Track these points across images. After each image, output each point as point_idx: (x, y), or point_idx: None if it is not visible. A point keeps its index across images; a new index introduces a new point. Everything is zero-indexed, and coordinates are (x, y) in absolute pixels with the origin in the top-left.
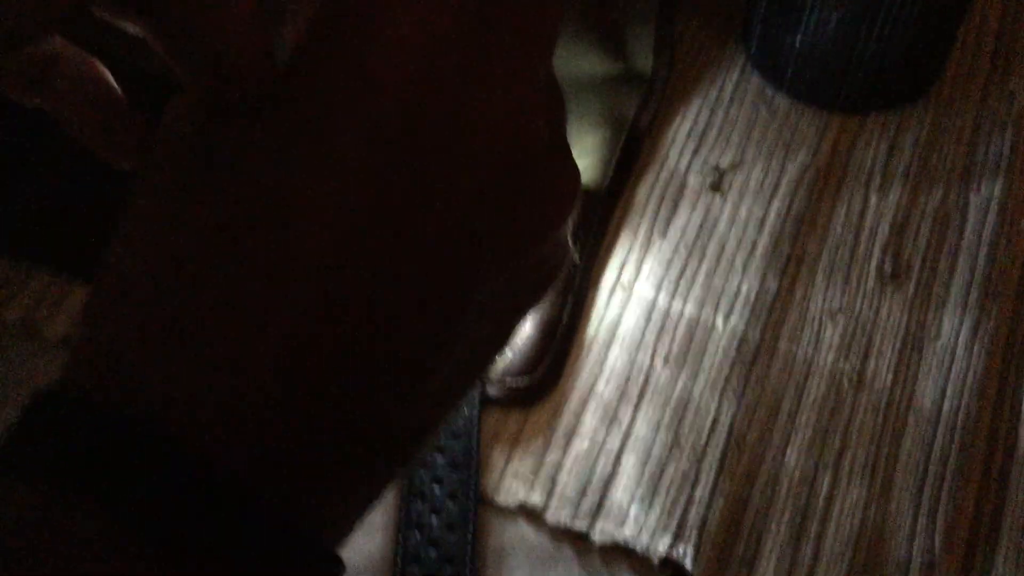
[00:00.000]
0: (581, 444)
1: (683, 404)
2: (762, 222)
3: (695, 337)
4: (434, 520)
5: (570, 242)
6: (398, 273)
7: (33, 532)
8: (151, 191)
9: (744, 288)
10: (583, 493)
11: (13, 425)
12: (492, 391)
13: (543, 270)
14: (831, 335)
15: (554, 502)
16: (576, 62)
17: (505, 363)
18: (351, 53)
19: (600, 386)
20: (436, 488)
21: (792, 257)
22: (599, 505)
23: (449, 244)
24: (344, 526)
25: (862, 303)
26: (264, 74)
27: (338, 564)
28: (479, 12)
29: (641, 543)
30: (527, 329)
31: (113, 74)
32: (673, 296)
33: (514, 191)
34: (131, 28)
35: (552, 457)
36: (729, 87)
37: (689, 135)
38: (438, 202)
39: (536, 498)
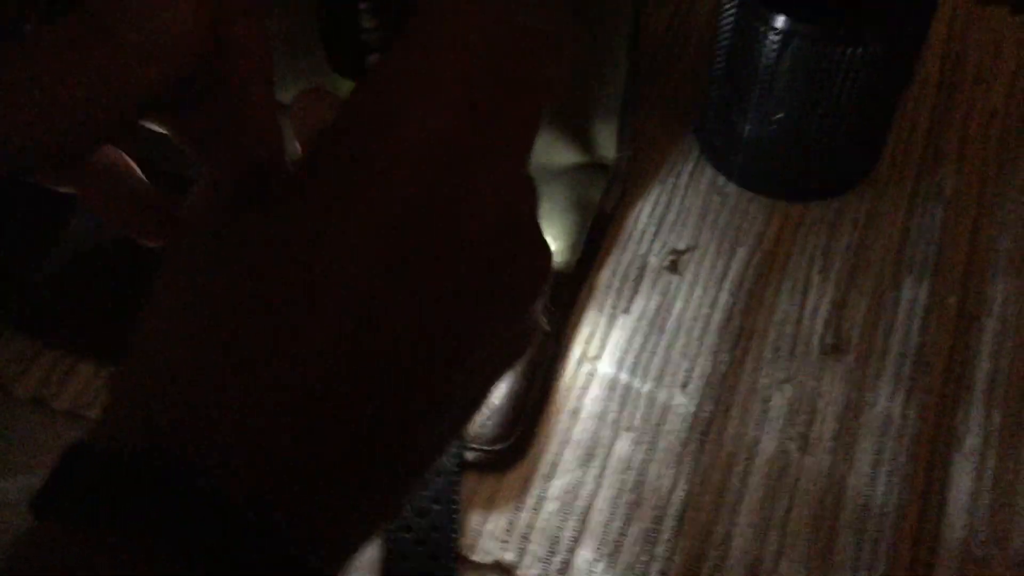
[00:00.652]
0: (551, 506)
1: (644, 468)
2: (715, 300)
3: (655, 408)
4: None
5: (541, 315)
6: (412, 328)
7: (66, 566)
8: (178, 268)
9: (700, 361)
10: (553, 551)
11: (46, 478)
12: (470, 456)
13: (521, 337)
14: (779, 403)
15: (526, 560)
16: (547, 153)
17: (482, 429)
18: (363, 148)
19: (567, 452)
20: (419, 549)
21: (743, 332)
22: (568, 563)
23: (450, 311)
24: (341, 563)
25: (807, 373)
26: (273, 157)
27: None
28: (475, 113)
29: None
30: (502, 398)
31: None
32: (634, 370)
33: (504, 265)
34: (159, 128)
35: (524, 518)
36: (685, 176)
37: (649, 219)
38: (441, 274)
39: (510, 556)
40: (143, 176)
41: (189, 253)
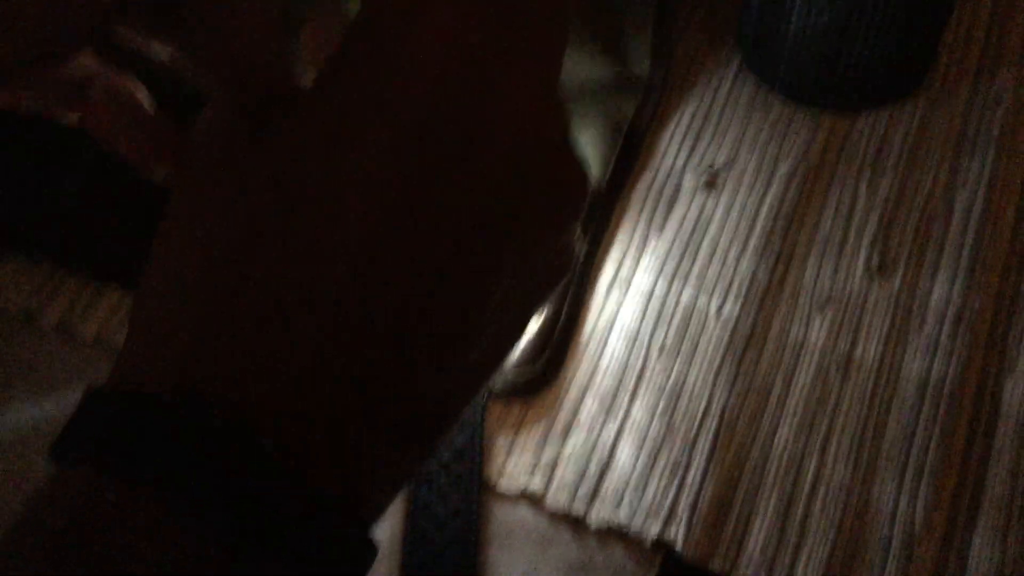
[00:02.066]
0: (579, 433)
1: (677, 393)
2: (755, 218)
3: (689, 328)
4: (440, 506)
5: (576, 242)
6: (434, 255)
7: (85, 518)
8: (188, 193)
9: (737, 280)
10: (581, 479)
11: (68, 420)
12: (496, 384)
13: (558, 262)
14: (820, 325)
15: (553, 488)
16: (578, 67)
17: (511, 357)
18: (383, 59)
19: (598, 378)
20: (443, 476)
21: (783, 251)
22: (595, 491)
23: (478, 231)
24: (378, 507)
25: (850, 295)
26: (281, 77)
27: (373, 546)
28: (501, 24)
29: (634, 526)
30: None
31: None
32: (668, 289)
33: (533, 186)
34: (159, 53)
35: (552, 446)
36: (724, 88)
37: (685, 135)
38: (466, 192)
39: (536, 484)
40: (149, 101)
41: (199, 178)
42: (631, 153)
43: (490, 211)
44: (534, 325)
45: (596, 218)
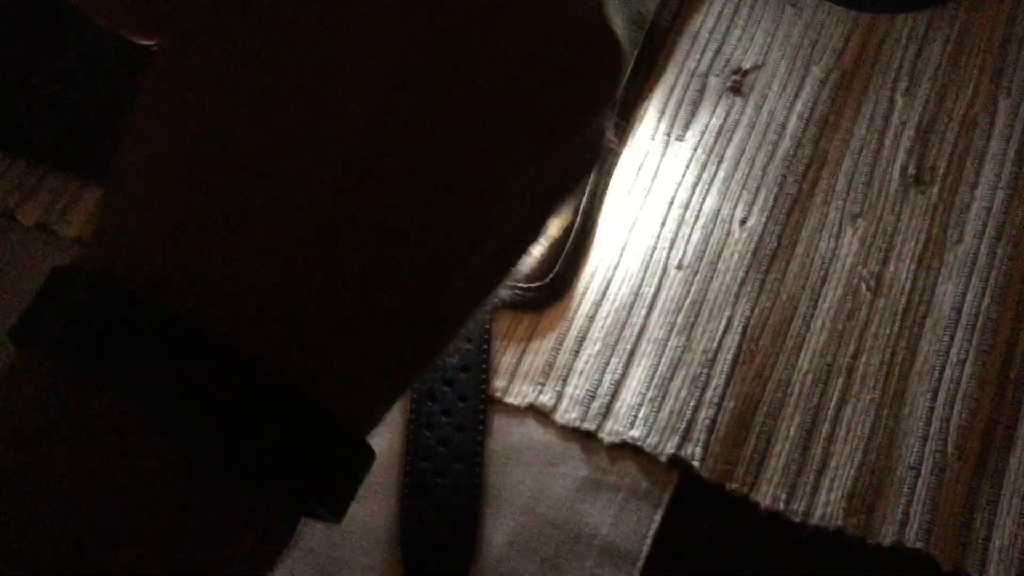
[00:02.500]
0: (593, 347)
1: (696, 307)
2: (784, 125)
3: (711, 241)
4: (444, 420)
5: (607, 127)
6: (434, 148)
7: (46, 411)
8: (172, 60)
9: (763, 192)
10: (593, 395)
11: (31, 301)
12: (503, 294)
13: (580, 158)
14: (850, 239)
15: (564, 403)
16: None
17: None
18: None
19: (612, 290)
20: (447, 389)
21: (813, 160)
22: (609, 407)
23: (487, 121)
24: (372, 416)
25: (884, 207)
26: None
27: (369, 451)
28: None
29: (650, 443)
30: None
31: None
32: (690, 199)
33: (557, 69)
34: None
35: (563, 359)
36: None
37: (711, 34)
38: (477, 75)
39: (546, 399)
40: None
41: (183, 45)
42: (652, 51)
43: (506, 99)
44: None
45: (613, 123)
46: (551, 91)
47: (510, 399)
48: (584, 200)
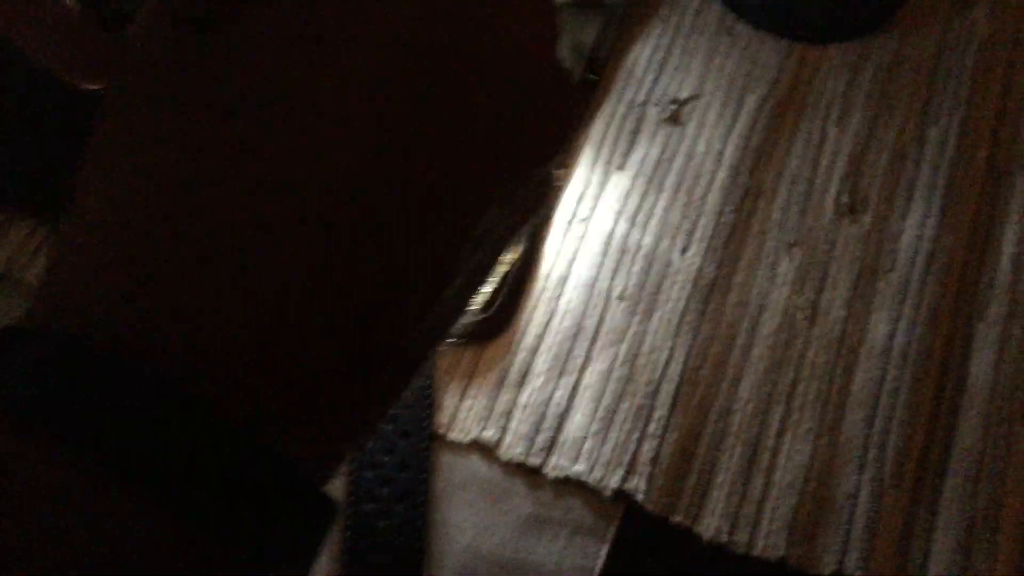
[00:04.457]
0: (536, 381)
1: (638, 339)
2: (721, 154)
3: (651, 272)
4: (387, 459)
5: (554, 167)
6: (407, 192)
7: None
8: (124, 109)
9: (702, 222)
10: (537, 429)
11: None
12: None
13: (535, 193)
14: (786, 269)
15: (508, 438)
16: None
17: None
18: None
19: (555, 322)
20: (389, 426)
21: (750, 190)
22: (553, 441)
23: (461, 165)
24: (338, 465)
25: (818, 236)
26: None
27: (333, 505)
28: None
29: (594, 478)
30: None
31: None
32: (630, 230)
33: (525, 114)
34: None
35: (507, 394)
36: (689, 15)
37: (648, 64)
38: (453, 118)
39: (489, 434)
40: (71, 5)
41: (135, 91)
42: (590, 84)
43: (485, 136)
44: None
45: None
46: (520, 134)
47: (453, 435)
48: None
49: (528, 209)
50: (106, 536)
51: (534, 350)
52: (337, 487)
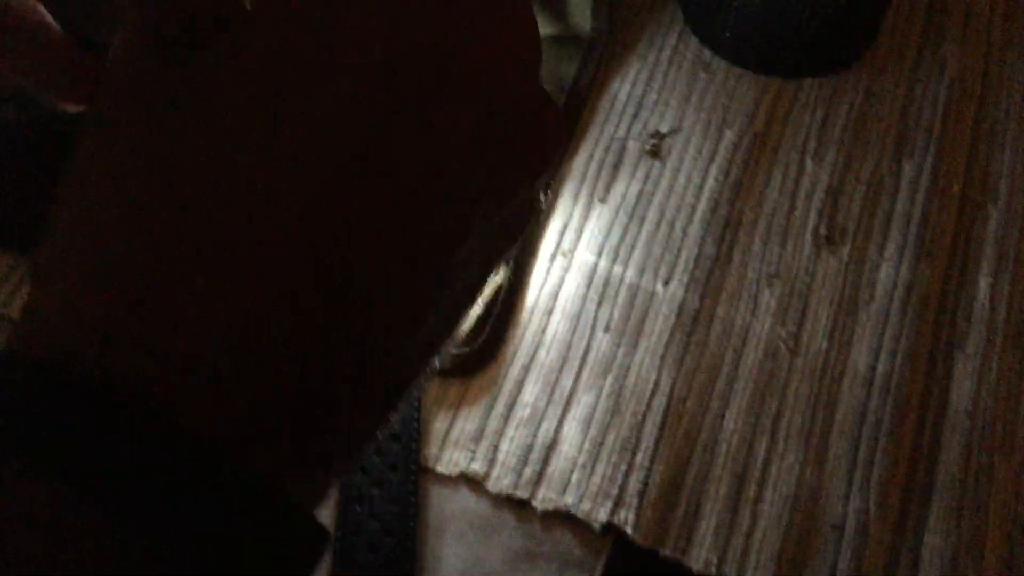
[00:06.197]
0: (523, 412)
1: (624, 371)
2: (701, 188)
3: (636, 304)
4: (375, 492)
5: (541, 191)
6: (393, 213)
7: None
8: (102, 132)
9: (684, 254)
10: (525, 461)
11: None
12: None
13: (521, 216)
14: (768, 300)
15: (496, 471)
16: None
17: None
18: None
19: (541, 354)
20: (376, 460)
21: (730, 222)
22: (541, 473)
23: (446, 185)
24: (326, 493)
25: (798, 268)
26: (227, 3)
27: (323, 532)
28: None
29: (582, 509)
30: None
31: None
32: (613, 263)
33: (512, 134)
34: None
35: (494, 426)
36: (668, 51)
37: (628, 99)
38: (435, 140)
39: (478, 467)
40: (57, 27)
41: (114, 114)
42: (571, 117)
43: (464, 160)
44: (486, 288)
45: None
46: (502, 156)
47: (441, 468)
48: (512, 263)
49: (514, 231)
50: (80, 559)
51: (521, 382)
52: (326, 520)
